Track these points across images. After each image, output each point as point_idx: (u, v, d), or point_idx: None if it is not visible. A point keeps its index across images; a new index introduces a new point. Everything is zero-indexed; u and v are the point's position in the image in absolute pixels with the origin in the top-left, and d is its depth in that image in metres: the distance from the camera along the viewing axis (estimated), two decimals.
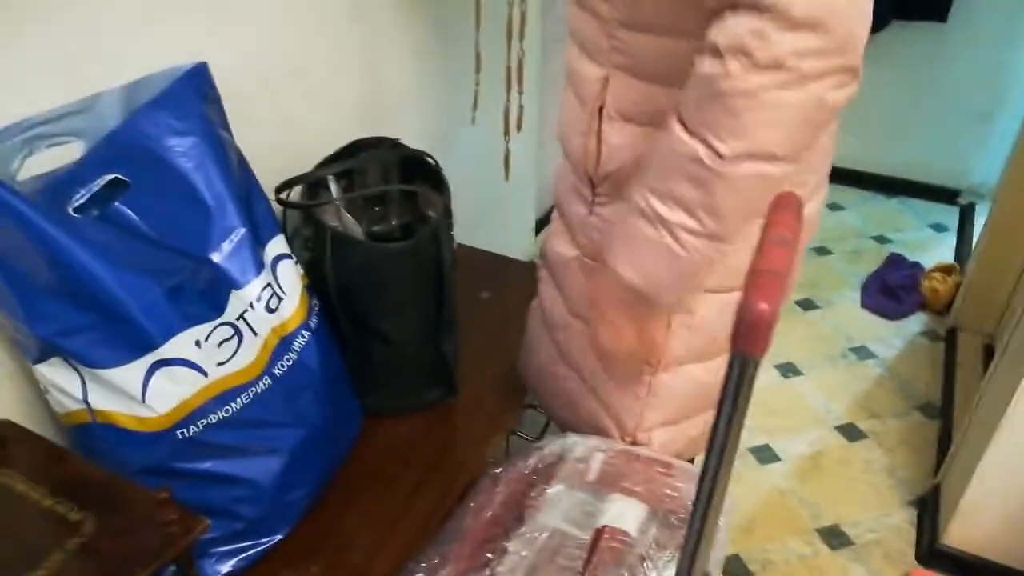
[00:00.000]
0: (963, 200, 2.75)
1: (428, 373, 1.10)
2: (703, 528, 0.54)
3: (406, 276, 0.99)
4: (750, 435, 1.82)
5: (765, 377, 1.85)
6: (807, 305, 2.27)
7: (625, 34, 0.75)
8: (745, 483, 1.70)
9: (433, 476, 1.02)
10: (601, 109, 0.80)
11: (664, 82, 0.74)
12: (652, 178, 0.70)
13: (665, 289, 0.74)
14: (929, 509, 1.61)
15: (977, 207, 2.69)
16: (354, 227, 1.03)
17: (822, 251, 2.48)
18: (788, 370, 2.02)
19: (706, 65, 0.63)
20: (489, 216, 1.84)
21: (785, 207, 0.50)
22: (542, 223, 2.63)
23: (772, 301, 0.43)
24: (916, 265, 2.37)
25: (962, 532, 1.50)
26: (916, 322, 2.21)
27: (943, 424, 1.85)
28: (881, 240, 2.55)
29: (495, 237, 1.80)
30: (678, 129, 0.66)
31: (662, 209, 0.69)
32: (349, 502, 0.98)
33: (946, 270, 2.28)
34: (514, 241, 2.18)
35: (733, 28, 0.60)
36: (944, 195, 2.75)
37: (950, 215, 2.70)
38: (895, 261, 2.40)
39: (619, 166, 0.81)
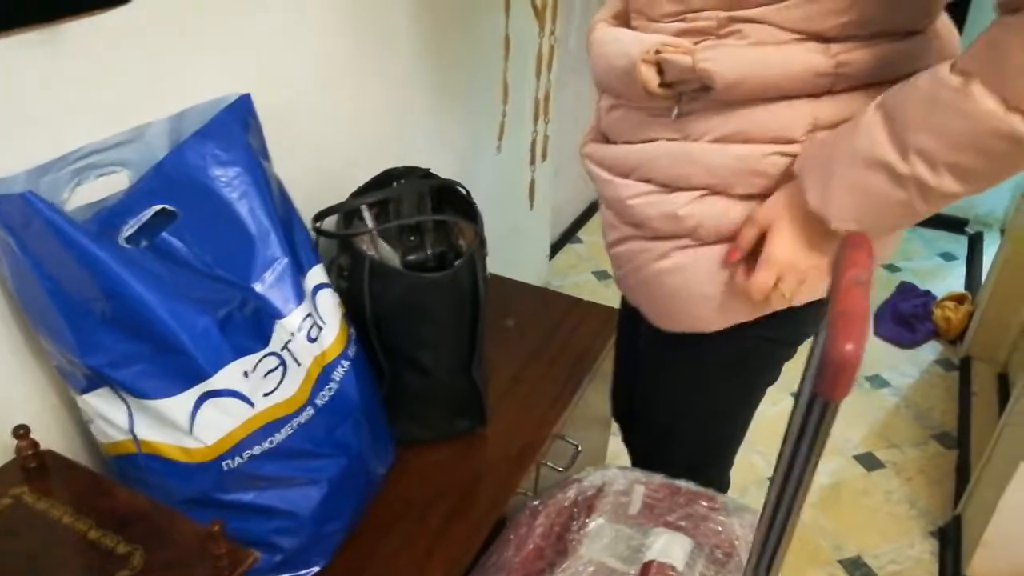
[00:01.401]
0: (970, 229, 2.77)
1: (460, 402, 1.10)
2: (771, 568, 0.54)
3: (444, 306, 0.99)
4: (769, 465, 1.82)
5: (783, 405, 1.85)
6: None
7: None
8: None
9: (466, 506, 1.02)
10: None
11: None
12: (921, 140, 0.62)
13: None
14: (951, 540, 1.60)
15: (985, 236, 2.72)
16: (391, 257, 1.03)
17: None
18: None
19: None
20: (504, 242, 1.84)
21: (857, 246, 0.51)
22: (555, 248, 2.64)
23: (857, 342, 0.44)
24: (927, 294, 2.38)
25: (986, 564, 1.49)
26: (929, 351, 2.22)
27: (961, 454, 1.85)
28: (891, 269, 2.56)
29: (509, 263, 1.81)
30: (987, 100, 0.58)
31: (930, 178, 0.63)
32: (384, 532, 0.97)
33: (958, 299, 2.29)
34: (527, 267, 2.19)
35: None
36: (951, 224, 2.77)
37: (958, 244, 2.72)
38: (906, 290, 2.41)
39: (736, 83, 0.73)
